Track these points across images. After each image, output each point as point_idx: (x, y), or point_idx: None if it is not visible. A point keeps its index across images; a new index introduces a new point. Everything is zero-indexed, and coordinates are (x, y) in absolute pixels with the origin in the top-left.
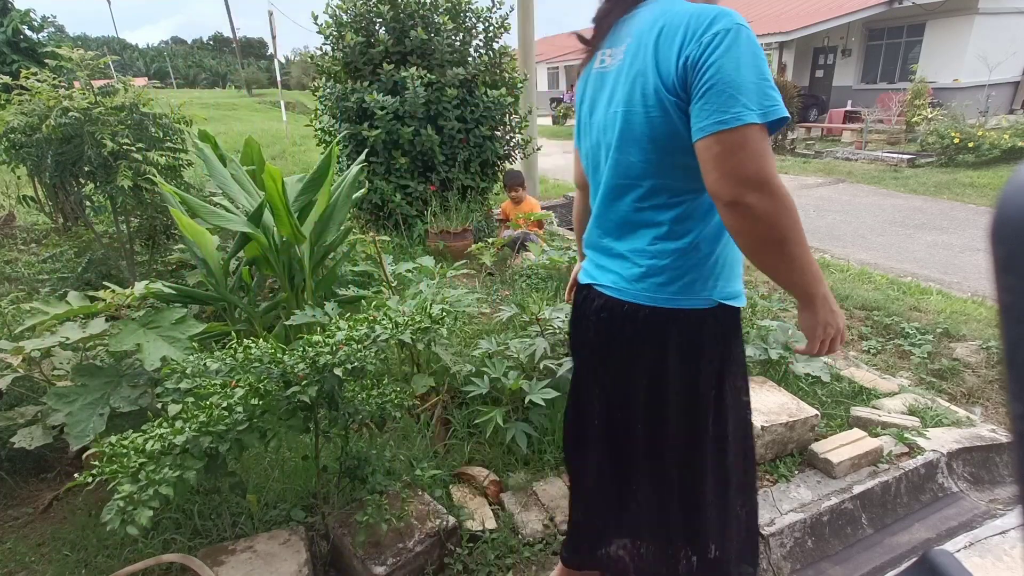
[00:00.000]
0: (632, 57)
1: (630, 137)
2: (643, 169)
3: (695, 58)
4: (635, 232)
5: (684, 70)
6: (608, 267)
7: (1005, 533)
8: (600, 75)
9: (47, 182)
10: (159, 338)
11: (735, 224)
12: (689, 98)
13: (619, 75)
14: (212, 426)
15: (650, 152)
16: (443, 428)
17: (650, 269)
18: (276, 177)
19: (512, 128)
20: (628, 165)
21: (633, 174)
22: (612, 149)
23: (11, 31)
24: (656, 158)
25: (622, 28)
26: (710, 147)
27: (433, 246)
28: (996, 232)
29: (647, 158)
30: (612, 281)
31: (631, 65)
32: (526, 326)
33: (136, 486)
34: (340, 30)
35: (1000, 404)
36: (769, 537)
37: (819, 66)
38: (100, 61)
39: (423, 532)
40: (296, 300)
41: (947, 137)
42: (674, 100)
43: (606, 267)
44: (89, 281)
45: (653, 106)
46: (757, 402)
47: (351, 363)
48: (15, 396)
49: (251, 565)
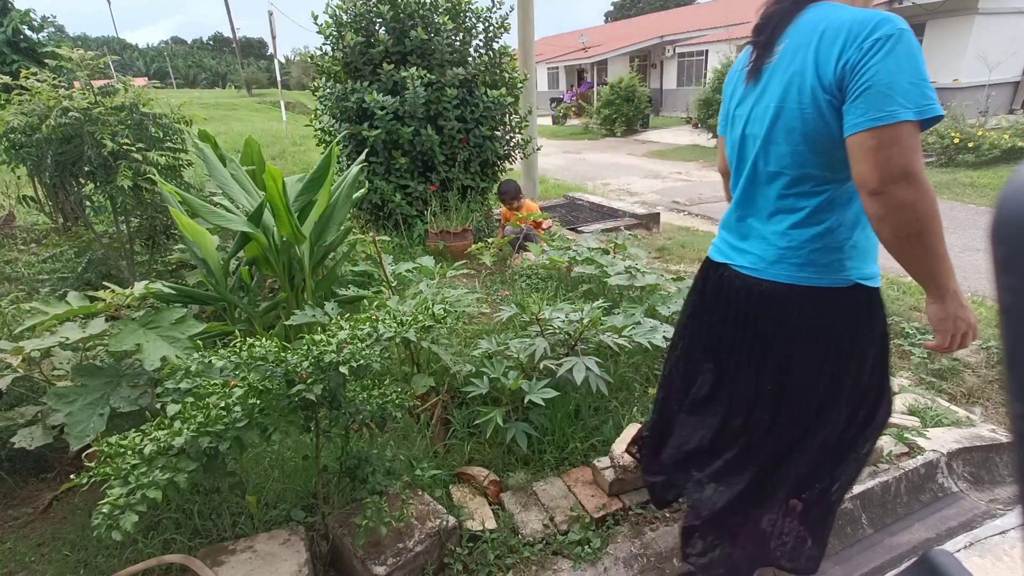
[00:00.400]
0: (790, 57)
1: (782, 130)
2: (792, 160)
3: (854, 62)
4: (777, 216)
5: (842, 72)
6: (747, 248)
7: (1005, 533)
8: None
9: (47, 182)
10: (159, 338)
11: (879, 212)
12: (844, 98)
13: (773, 73)
14: (210, 426)
15: (800, 144)
16: (443, 428)
17: (788, 251)
18: (276, 177)
19: (512, 128)
20: (778, 155)
21: (782, 164)
22: (762, 140)
23: (11, 31)
24: (805, 150)
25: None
26: (864, 141)
27: (433, 246)
28: (996, 232)
29: (796, 150)
30: (751, 262)
31: (788, 64)
32: (526, 326)
33: (125, 489)
34: (340, 30)
35: (1000, 404)
36: None
37: None
38: (100, 61)
39: (423, 532)
40: (296, 300)
41: (947, 137)
42: (828, 99)
43: (744, 248)
44: (89, 281)
45: (808, 103)
46: None
47: (355, 361)
48: (15, 396)
49: (251, 565)
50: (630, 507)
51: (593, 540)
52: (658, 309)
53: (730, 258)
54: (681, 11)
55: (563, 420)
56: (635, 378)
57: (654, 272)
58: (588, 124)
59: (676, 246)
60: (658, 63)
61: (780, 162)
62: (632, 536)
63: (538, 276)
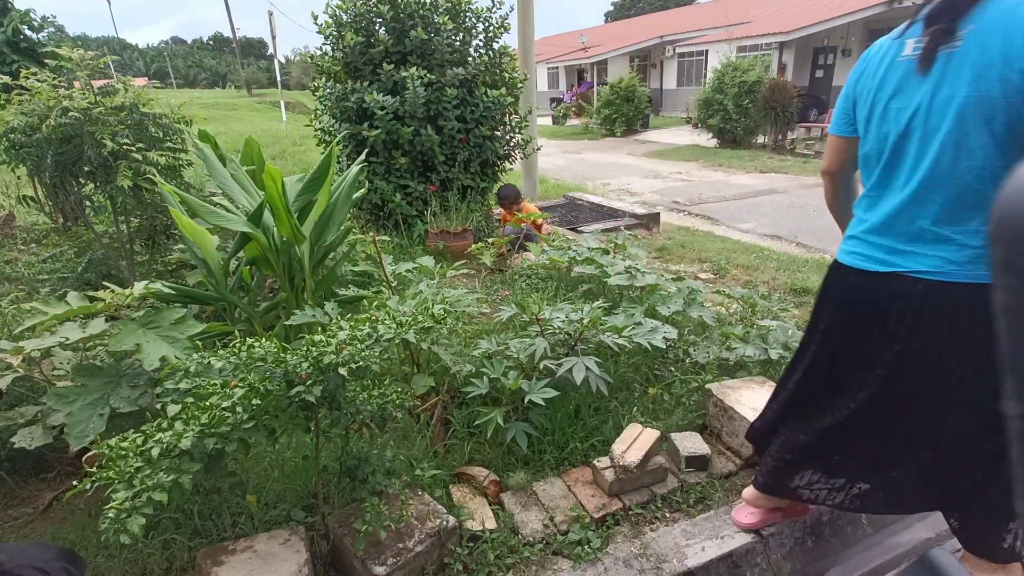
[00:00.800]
0: (982, 42)
1: (976, 121)
2: (989, 151)
3: None
4: (967, 213)
5: None
6: (924, 252)
7: None
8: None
9: (47, 182)
10: (159, 338)
11: None
12: None
13: (956, 60)
14: (214, 427)
15: (1002, 135)
16: (443, 428)
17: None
18: (276, 177)
19: (512, 128)
20: (969, 149)
21: (974, 156)
22: (942, 133)
23: (11, 31)
24: (1008, 139)
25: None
26: None
27: (433, 246)
28: (995, 232)
29: (996, 140)
30: (934, 266)
31: (980, 54)
32: (526, 326)
33: (130, 492)
34: (340, 30)
35: None
36: (769, 537)
37: (819, 66)
38: (100, 61)
39: (423, 532)
40: (296, 300)
41: None
42: None
43: (920, 252)
44: (89, 281)
45: (1016, 91)
46: (757, 402)
47: (355, 363)
48: (15, 396)
49: (251, 565)
50: (630, 507)
51: (593, 540)
52: (658, 309)
53: (896, 265)
54: (681, 11)
55: (563, 420)
56: (635, 378)
57: (654, 272)
58: (588, 124)
59: (676, 246)
60: (658, 63)
61: (973, 156)
62: (632, 536)
63: (538, 276)
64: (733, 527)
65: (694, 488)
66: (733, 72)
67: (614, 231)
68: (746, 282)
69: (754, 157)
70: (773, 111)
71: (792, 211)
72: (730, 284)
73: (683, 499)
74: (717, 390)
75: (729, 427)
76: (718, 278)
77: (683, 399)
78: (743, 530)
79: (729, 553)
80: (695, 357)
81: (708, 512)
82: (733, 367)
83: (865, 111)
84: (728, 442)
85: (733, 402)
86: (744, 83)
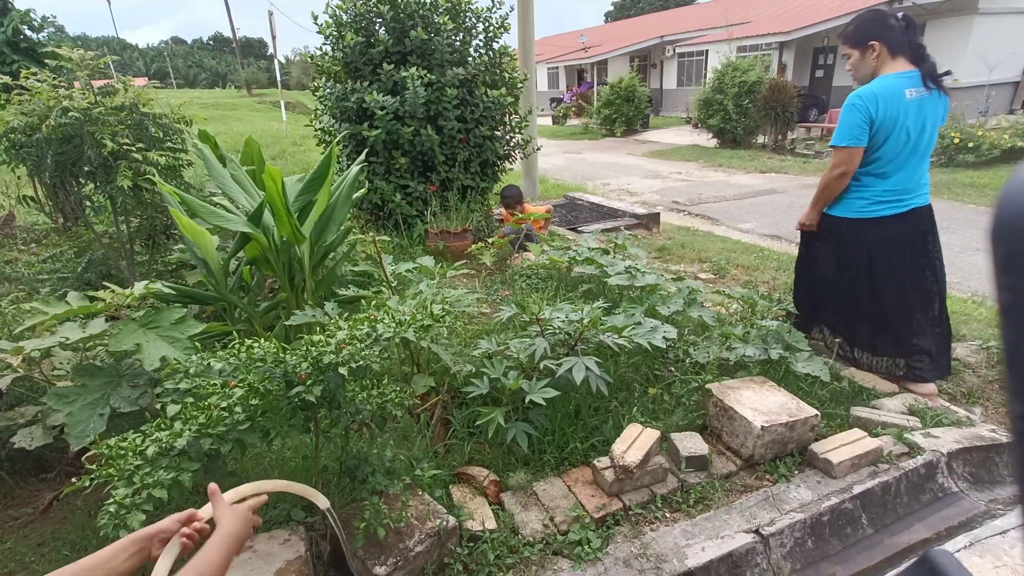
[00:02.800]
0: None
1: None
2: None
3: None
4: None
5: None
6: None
7: (1005, 533)
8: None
9: (47, 182)
10: (159, 338)
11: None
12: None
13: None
14: (211, 427)
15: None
16: (443, 428)
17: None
18: (276, 177)
19: (512, 128)
20: (933, 140)
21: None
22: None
23: (11, 31)
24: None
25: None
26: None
27: (433, 246)
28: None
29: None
30: (925, 200)
31: (938, 99)
32: (526, 326)
33: (130, 489)
34: (340, 30)
35: (1000, 404)
36: (769, 537)
37: (819, 66)
38: (100, 61)
39: (423, 532)
40: (296, 300)
41: (947, 137)
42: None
43: (922, 193)
44: (89, 281)
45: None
46: (757, 402)
47: (355, 362)
48: (15, 396)
49: (251, 565)
50: (630, 507)
51: (593, 540)
52: (658, 309)
53: (912, 204)
54: (681, 11)
55: (563, 420)
56: (635, 378)
57: (654, 272)
58: (588, 124)
59: (676, 246)
60: (658, 63)
61: (932, 143)
62: (632, 536)
63: (538, 276)
64: (733, 527)
65: (694, 488)
66: (733, 72)
67: (614, 231)
68: (746, 282)
69: (754, 157)
70: (773, 111)
71: (792, 211)
72: (730, 284)
73: (683, 499)
74: (717, 390)
75: (729, 427)
76: (718, 278)
77: (683, 399)
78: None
79: (729, 553)
80: (695, 357)
81: (708, 512)
82: (733, 367)
83: (888, 127)
84: (728, 442)
85: (733, 402)
86: (744, 83)
